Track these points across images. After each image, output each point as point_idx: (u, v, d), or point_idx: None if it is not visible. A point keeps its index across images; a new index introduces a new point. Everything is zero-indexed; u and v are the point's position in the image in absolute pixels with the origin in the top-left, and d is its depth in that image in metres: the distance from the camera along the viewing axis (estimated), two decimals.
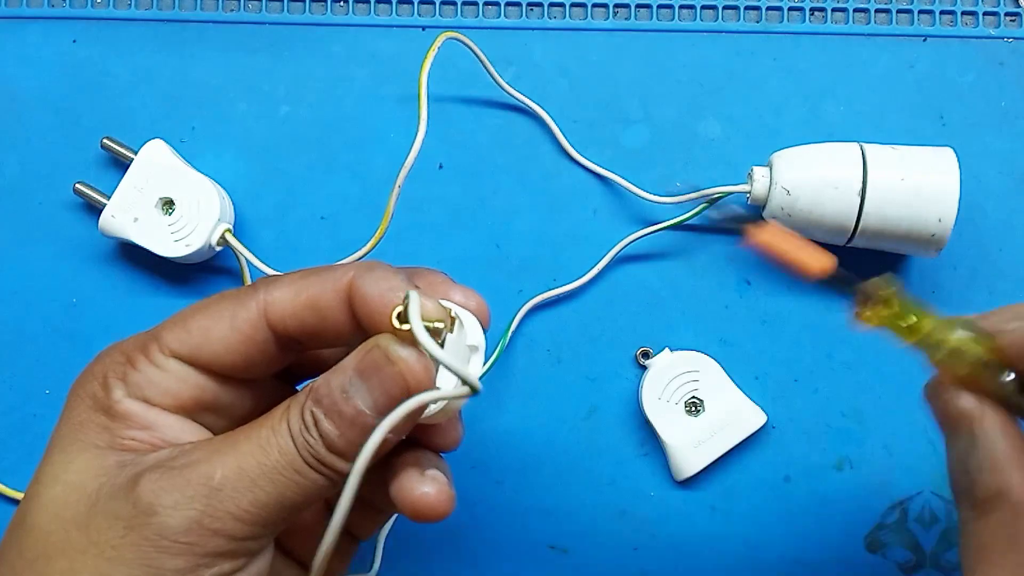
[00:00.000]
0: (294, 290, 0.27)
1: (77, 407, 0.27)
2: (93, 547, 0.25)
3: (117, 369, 0.27)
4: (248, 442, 0.26)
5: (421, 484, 0.27)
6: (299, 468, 0.26)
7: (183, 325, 0.28)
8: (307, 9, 0.46)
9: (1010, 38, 0.46)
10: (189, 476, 0.25)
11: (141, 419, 0.27)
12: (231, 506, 0.25)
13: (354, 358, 0.26)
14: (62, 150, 0.45)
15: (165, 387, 0.27)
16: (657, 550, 0.43)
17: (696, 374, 0.42)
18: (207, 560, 0.25)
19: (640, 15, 0.46)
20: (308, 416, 0.26)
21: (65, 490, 0.26)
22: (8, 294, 0.44)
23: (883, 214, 0.40)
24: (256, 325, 0.27)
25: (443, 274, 0.31)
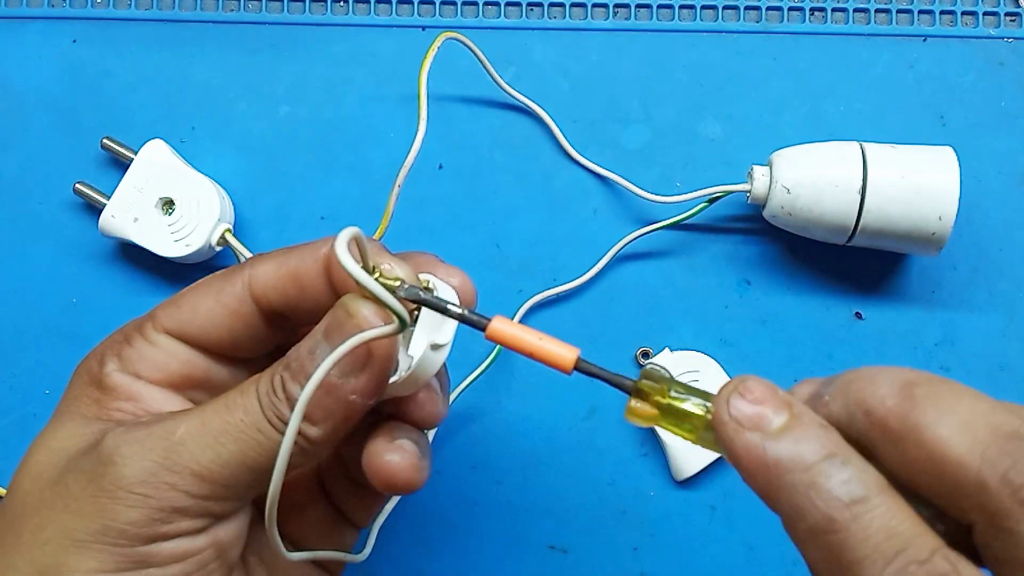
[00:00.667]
0: (276, 263, 0.28)
1: (74, 383, 0.28)
2: (59, 501, 0.25)
3: (114, 347, 0.28)
4: (215, 403, 0.26)
5: (388, 451, 0.27)
6: (262, 428, 0.25)
7: (175, 303, 0.29)
8: (307, 9, 0.46)
9: (1010, 38, 0.46)
10: (151, 429, 0.26)
11: (127, 391, 0.27)
12: (190, 460, 0.25)
13: (323, 322, 0.26)
14: (62, 150, 0.45)
15: (154, 361, 0.28)
16: (657, 550, 0.43)
17: (696, 374, 0.42)
18: (163, 515, 0.25)
19: (640, 15, 0.46)
20: (277, 380, 0.26)
21: (48, 454, 0.27)
22: (8, 294, 0.44)
23: (884, 212, 0.40)
24: (241, 299, 0.28)
25: (433, 255, 0.31)
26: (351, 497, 0.32)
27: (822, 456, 0.21)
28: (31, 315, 0.44)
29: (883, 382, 0.22)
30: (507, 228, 0.44)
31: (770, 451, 0.21)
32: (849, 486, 0.20)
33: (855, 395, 0.22)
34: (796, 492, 0.21)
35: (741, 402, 0.22)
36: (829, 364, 0.43)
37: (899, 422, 0.21)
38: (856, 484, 0.20)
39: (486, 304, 0.43)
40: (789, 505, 0.21)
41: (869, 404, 0.22)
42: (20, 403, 0.44)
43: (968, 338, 0.44)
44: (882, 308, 0.44)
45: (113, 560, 0.24)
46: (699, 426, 0.24)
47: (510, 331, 0.25)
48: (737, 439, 0.22)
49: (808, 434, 0.21)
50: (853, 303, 0.44)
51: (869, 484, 0.20)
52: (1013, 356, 0.44)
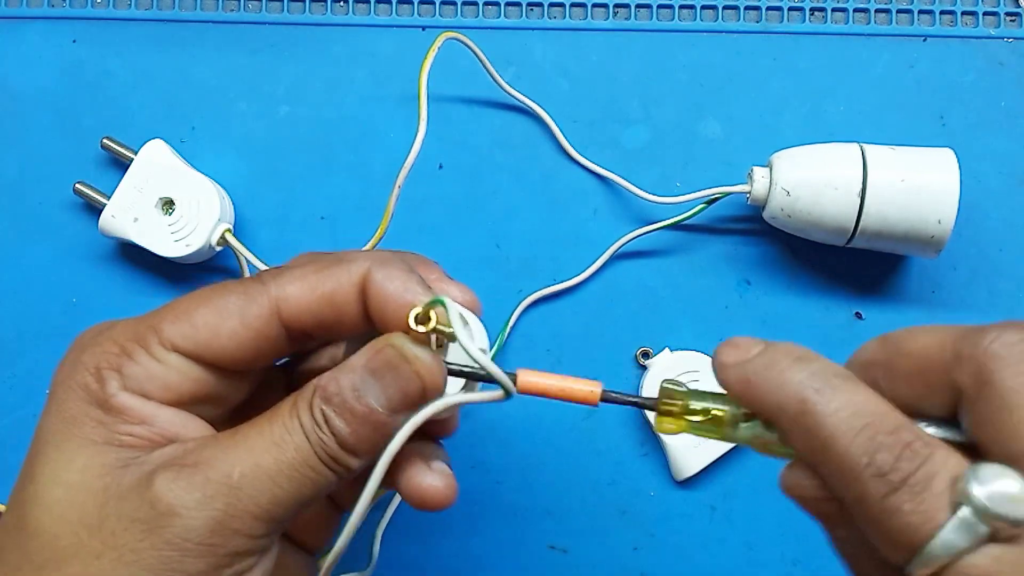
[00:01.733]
0: (307, 285, 0.27)
1: (68, 400, 0.26)
2: (109, 551, 0.24)
3: (111, 360, 0.26)
4: (262, 439, 0.26)
5: (429, 476, 0.28)
6: (313, 465, 0.25)
7: (187, 320, 0.27)
8: (307, 9, 0.46)
9: (1010, 38, 0.46)
10: (208, 475, 0.25)
11: (138, 413, 0.26)
12: (251, 505, 0.25)
13: (363, 357, 0.26)
14: (62, 150, 0.45)
15: (164, 381, 0.26)
16: (657, 550, 0.43)
17: (696, 374, 0.42)
18: (227, 559, 0.25)
19: (640, 15, 0.46)
20: (319, 414, 0.26)
21: (69, 491, 0.25)
22: (8, 294, 0.44)
23: (883, 215, 0.40)
24: (268, 322, 0.27)
25: (437, 267, 0.31)
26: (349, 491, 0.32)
27: (793, 359, 0.24)
28: (31, 315, 0.44)
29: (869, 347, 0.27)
30: (507, 228, 0.44)
31: (750, 367, 0.25)
32: (816, 375, 0.24)
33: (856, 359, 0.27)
34: (773, 390, 0.24)
35: (728, 347, 0.26)
36: None
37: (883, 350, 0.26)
38: (822, 373, 0.24)
39: (486, 304, 0.43)
40: (773, 405, 0.24)
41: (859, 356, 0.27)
42: (20, 403, 0.44)
43: None
44: (882, 308, 0.44)
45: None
46: (723, 423, 0.27)
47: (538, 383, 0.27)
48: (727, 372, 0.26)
49: (779, 349, 0.25)
50: (853, 303, 0.44)
51: (836, 372, 0.24)
52: None
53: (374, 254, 0.28)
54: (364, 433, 0.26)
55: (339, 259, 0.27)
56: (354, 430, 0.25)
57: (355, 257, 0.27)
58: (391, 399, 0.26)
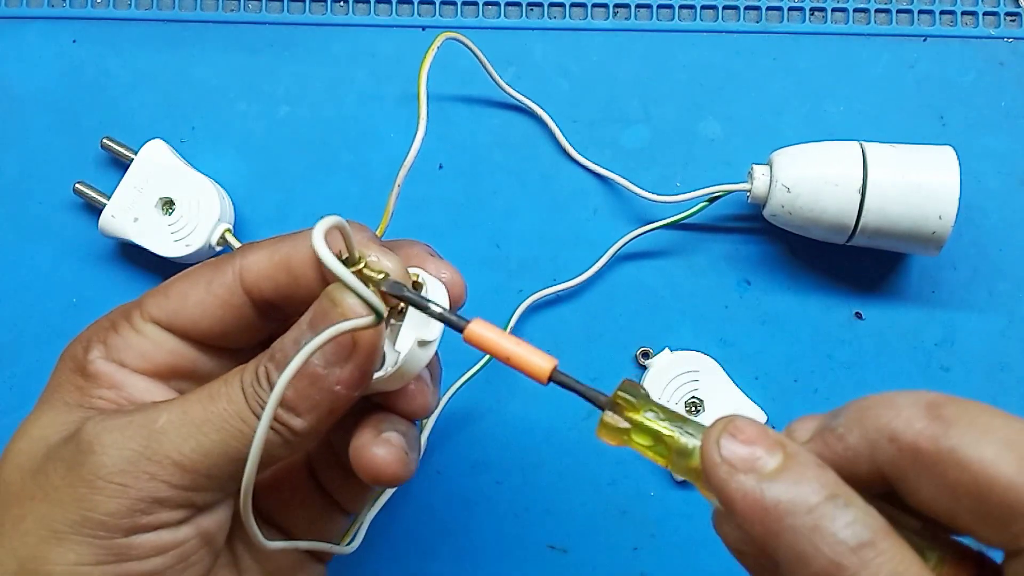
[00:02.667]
0: (267, 252, 0.28)
1: (59, 369, 0.28)
2: (39, 491, 0.25)
3: (100, 334, 0.28)
4: (198, 392, 0.26)
5: (374, 445, 0.27)
6: (246, 417, 0.25)
7: (163, 291, 0.28)
8: (307, 9, 0.46)
9: (1010, 38, 0.46)
10: (132, 418, 0.25)
11: (110, 379, 0.27)
12: (171, 450, 0.25)
13: (308, 312, 0.26)
14: (62, 150, 0.45)
15: (140, 350, 0.28)
16: (657, 550, 0.43)
17: (696, 374, 0.42)
18: (144, 505, 0.24)
19: (640, 15, 0.46)
20: (262, 370, 0.26)
21: (29, 443, 0.26)
22: (8, 294, 0.44)
23: (884, 212, 0.40)
24: (232, 289, 0.28)
25: (426, 246, 0.30)
26: (341, 485, 0.32)
27: (824, 497, 0.20)
28: (31, 315, 0.44)
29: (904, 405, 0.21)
30: (507, 228, 0.44)
31: (768, 494, 0.20)
32: (855, 528, 0.19)
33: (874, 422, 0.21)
34: (799, 537, 0.19)
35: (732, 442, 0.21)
36: (829, 364, 0.43)
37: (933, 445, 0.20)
38: (861, 527, 0.19)
39: (486, 304, 0.43)
40: (791, 551, 0.20)
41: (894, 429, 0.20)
42: (20, 403, 0.44)
43: (968, 338, 0.44)
44: (882, 308, 0.44)
45: (92, 552, 0.24)
46: (672, 449, 0.24)
47: (488, 336, 0.25)
48: (731, 481, 0.21)
49: (807, 474, 0.20)
50: (853, 303, 0.44)
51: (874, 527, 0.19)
52: (1013, 356, 0.44)
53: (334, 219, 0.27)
54: (302, 387, 0.25)
55: (299, 231, 0.28)
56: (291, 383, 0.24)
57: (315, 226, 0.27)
58: (325, 351, 0.25)
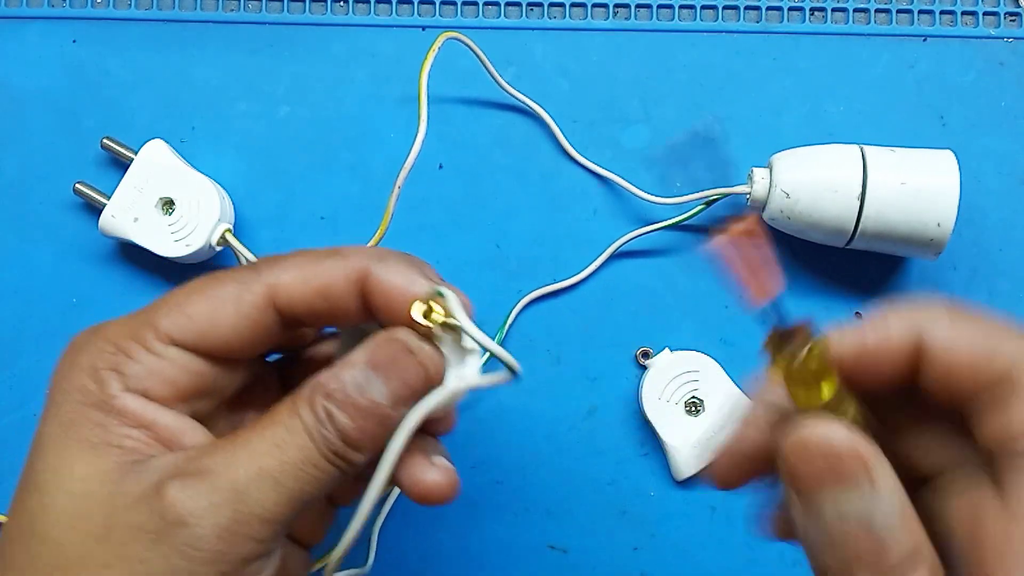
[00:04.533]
0: (302, 275, 0.27)
1: (65, 403, 0.26)
2: (118, 561, 0.24)
3: (107, 359, 0.26)
4: (263, 441, 0.26)
5: (431, 472, 0.28)
6: (317, 462, 0.26)
7: (181, 311, 0.27)
8: (307, 9, 0.46)
9: (1010, 38, 0.46)
10: (213, 482, 0.25)
11: (138, 417, 0.26)
12: (257, 508, 0.25)
13: (365, 353, 0.26)
14: (62, 150, 0.45)
15: (165, 376, 0.26)
16: (657, 550, 0.43)
17: (696, 374, 0.42)
18: (236, 565, 0.25)
19: (640, 15, 0.46)
20: (321, 411, 0.26)
21: (74, 500, 0.25)
22: (8, 294, 0.44)
23: (882, 218, 0.40)
24: (263, 310, 0.27)
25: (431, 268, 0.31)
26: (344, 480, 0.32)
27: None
28: (31, 315, 0.44)
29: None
30: (507, 228, 0.44)
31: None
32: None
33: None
34: None
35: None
36: None
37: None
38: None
39: (486, 304, 0.43)
40: None
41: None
42: (20, 403, 0.44)
43: None
44: None
45: None
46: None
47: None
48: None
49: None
50: (853, 304, 0.44)
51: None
52: None
53: (371, 249, 0.28)
54: (369, 428, 0.26)
55: (335, 252, 0.28)
56: (358, 425, 0.25)
57: (351, 251, 0.27)
58: (395, 392, 0.26)
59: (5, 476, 0.43)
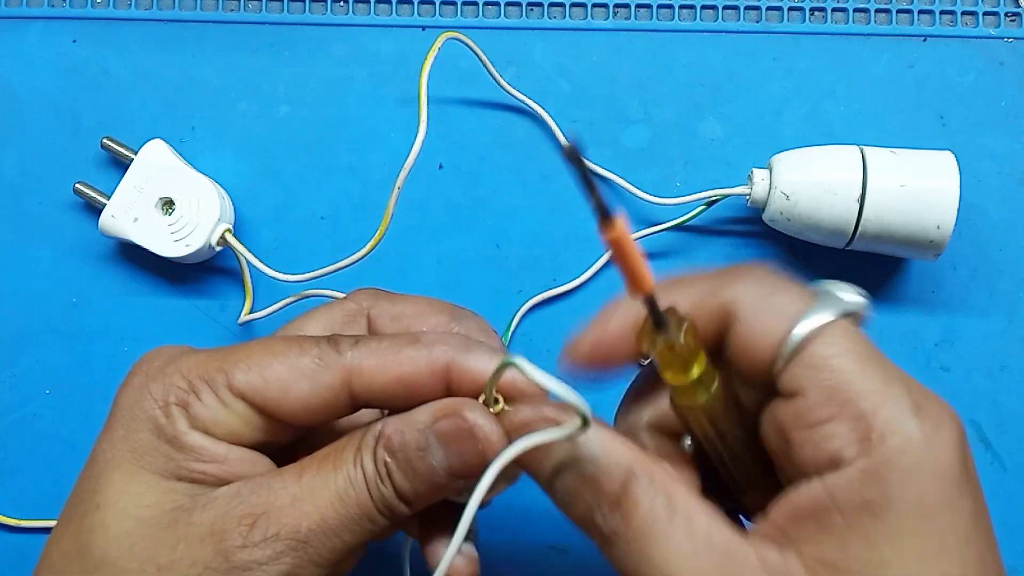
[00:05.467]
0: (383, 364, 0.27)
1: (136, 429, 0.27)
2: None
3: (179, 395, 0.27)
4: (327, 490, 0.26)
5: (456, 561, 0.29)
6: (373, 517, 0.27)
7: (259, 372, 0.27)
8: (307, 9, 0.46)
9: (1010, 38, 0.46)
10: (279, 531, 0.26)
11: (211, 453, 0.27)
12: (315, 556, 0.26)
13: (430, 415, 0.27)
14: (62, 150, 0.45)
15: (230, 428, 0.27)
16: None
17: None
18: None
19: (640, 15, 0.46)
20: (382, 467, 0.26)
21: (138, 526, 0.26)
22: (8, 294, 0.44)
23: (882, 220, 0.40)
24: (339, 392, 0.27)
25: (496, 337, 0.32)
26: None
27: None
28: (31, 315, 0.44)
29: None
30: (507, 228, 0.44)
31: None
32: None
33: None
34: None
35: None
36: None
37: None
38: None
39: (486, 304, 0.43)
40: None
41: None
42: (20, 403, 0.44)
43: (968, 338, 0.44)
44: (882, 308, 0.44)
45: None
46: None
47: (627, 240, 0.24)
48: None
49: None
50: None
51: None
52: (1013, 356, 0.44)
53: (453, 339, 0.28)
54: (423, 490, 0.27)
55: (416, 340, 0.27)
56: (414, 487, 0.26)
57: (434, 341, 0.27)
58: (453, 467, 0.26)
59: (5, 476, 0.43)
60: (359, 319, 0.31)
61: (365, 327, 0.31)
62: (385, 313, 0.31)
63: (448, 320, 0.31)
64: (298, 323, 0.31)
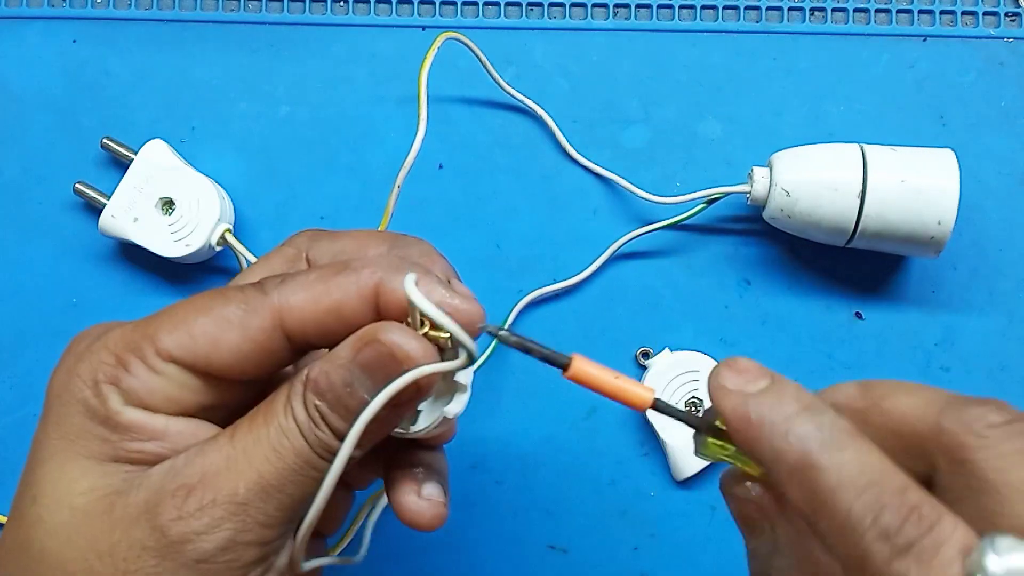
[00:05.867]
0: (312, 295, 0.26)
1: (67, 414, 0.25)
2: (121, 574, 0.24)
3: (107, 371, 0.25)
4: (259, 447, 0.25)
5: (416, 504, 0.29)
6: (315, 464, 0.25)
7: (185, 329, 0.25)
8: (307, 9, 0.46)
9: (1010, 38, 0.46)
10: (214, 496, 0.24)
11: (149, 430, 0.25)
12: (259, 516, 0.25)
13: (352, 349, 0.25)
14: (62, 150, 0.45)
15: (165, 394, 0.26)
16: (657, 550, 0.43)
17: (696, 374, 0.42)
18: (243, 570, 0.25)
19: (640, 15, 0.46)
20: (314, 411, 0.25)
21: (75, 515, 0.25)
22: (8, 294, 0.44)
23: (883, 217, 0.40)
24: (271, 333, 0.26)
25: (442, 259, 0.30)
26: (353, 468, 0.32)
27: (801, 407, 0.23)
28: (31, 315, 0.44)
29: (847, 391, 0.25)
30: (507, 228, 0.44)
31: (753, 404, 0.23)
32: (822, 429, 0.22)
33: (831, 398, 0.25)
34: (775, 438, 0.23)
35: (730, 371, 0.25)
36: (829, 364, 0.43)
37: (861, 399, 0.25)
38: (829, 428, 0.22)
39: (486, 304, 0.43)
40: (770, 450, 0.23)
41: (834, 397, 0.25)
42: (20, 403, 0.44)
43: (968, 338, 0.44)
44: (882, 308, 0.44)
45: None
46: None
47: (590, 371, 0.26)
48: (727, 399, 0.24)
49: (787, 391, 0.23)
50: (853, 303, 0.44)
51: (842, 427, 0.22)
52: (1013, 356, 0.44)
53: (383, 259, 0.26)
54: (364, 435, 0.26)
55: (344, 266, 0.26)
56: (350, 424, 0.25)
57: (362, 264, 0.26)
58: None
59: (5, 476, 0.43)
60: (299, 263, 0.29)
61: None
62: (325, 252, 0.29)
63: (388, 249, 0.29)
64: (239, 276, 0.30)
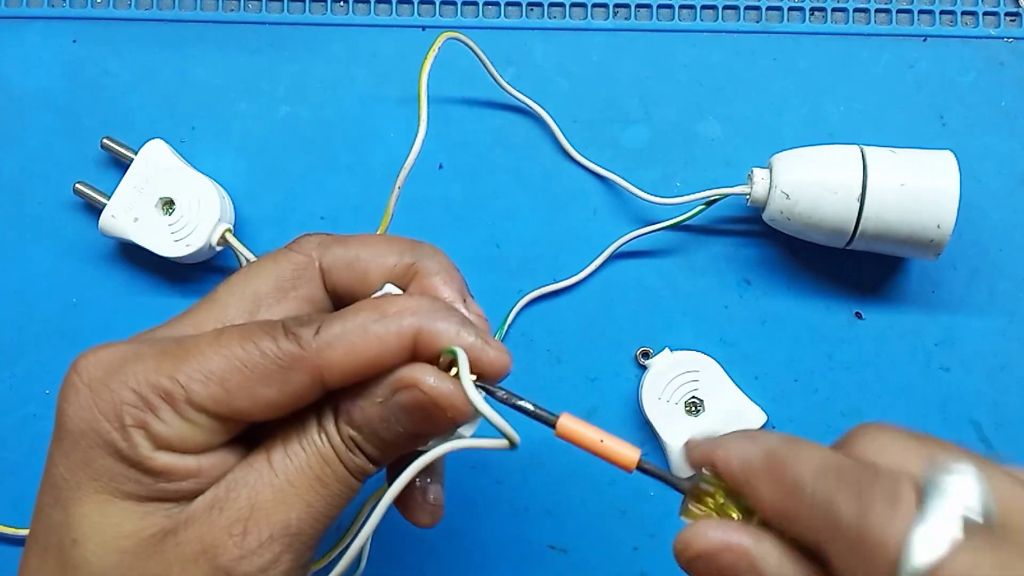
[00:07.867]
0: (353, 349, 0.25)
1: (95, 457, 0.25)
2: None
3: (133, 414, 0.25)
4: (302, 476, 0.26)
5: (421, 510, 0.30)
6: (352, 486, 0.27)
7: (217, 382, 0.25)
8: (307, 9, 0.46)
9: (1010, 38, 0.46)
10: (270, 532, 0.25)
11: (183, 471, 0.25)
12: (309, 541, 0.26)
13: (389, 389, 0.26)
14: (62, 150, 0.45)
15: (197, 441, 0.25)
16: (657, 550, 0.43)
17: (696, 374, 0.42)
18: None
19: (640, 15, 0.46)
20: (349, 441, 0.26)
21: (124, 558, 0.25)
22: (8, 294, 0.44)
23: (882, 219, 0.39)
24: (311, 388, 0.25)
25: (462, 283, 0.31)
26: None
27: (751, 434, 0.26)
28: (31, 315, 0.44)
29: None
30: (507, 228, 0.44)
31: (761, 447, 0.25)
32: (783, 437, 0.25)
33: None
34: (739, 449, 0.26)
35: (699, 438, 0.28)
36: (829, 364, 0.44)
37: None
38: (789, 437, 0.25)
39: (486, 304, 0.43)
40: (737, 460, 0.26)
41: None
42: (20, 403, 0.44)
43: (968, 338, 0.44)
44: (882, 308, 0.44)
45: None
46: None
47: (577, 430, 0.29)
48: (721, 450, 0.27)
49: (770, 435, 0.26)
50: (853, 303, 0.44)
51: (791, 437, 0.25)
52: (1013, 356, 0.44)
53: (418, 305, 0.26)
54: (393, 453, 0.27)
55: (381, 314, 0.26)
56: (384, 453, 0.27)
57: (398, 312, 0.26)
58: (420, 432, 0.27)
59: (5, 476, 0.43)
60: (309, 271, 0.29)
61: (318, 279, 0.29)
62: (339, 261, 0.29)
63: (409, 259, 0.29)
64: (242, 279, 0.29)
